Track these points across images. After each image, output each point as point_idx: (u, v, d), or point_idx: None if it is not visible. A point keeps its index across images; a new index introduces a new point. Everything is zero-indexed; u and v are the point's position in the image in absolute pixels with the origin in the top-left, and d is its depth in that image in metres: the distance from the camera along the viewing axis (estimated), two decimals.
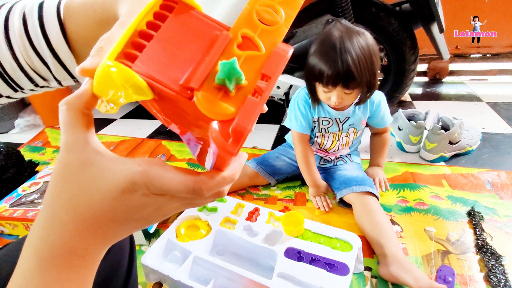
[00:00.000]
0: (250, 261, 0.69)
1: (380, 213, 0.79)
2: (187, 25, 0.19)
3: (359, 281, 0.69)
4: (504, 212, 0.84)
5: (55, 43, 0.32)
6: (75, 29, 0.32)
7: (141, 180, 0.19)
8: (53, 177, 0.21)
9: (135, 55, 0.18)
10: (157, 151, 1.35)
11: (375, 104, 0.89)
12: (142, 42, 0.19)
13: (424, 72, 1.82)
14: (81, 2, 0.32)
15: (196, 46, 0.19)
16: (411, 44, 1.18)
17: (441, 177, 1.00)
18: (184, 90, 0.18)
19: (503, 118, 1.32)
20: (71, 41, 0.32)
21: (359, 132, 0.93)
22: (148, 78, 0.18)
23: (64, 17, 0.32)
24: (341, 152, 0.97)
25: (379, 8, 1.14)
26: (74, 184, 0.20)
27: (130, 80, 0.18)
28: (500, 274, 0.66)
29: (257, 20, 0.19)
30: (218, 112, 0.18)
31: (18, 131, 1.74)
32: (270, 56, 0.19)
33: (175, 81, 0.18)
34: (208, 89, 0.18)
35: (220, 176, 0.21)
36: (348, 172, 0.91)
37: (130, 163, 0.20)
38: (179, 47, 0.19)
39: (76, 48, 0.33)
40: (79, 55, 0.33)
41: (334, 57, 0.72)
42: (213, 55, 0.18)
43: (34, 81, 0.35)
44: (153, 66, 0.18)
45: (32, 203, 0.94)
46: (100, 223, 0.20)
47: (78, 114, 0.21)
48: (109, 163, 0.20)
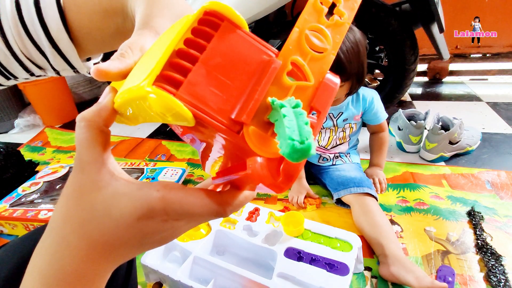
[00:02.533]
0: (250, 261, 0.69)
1: (379, 213, 0.79)
2: (234, 48, 0.17)
3: (359, 281, 0.69)
4: (504, 212, 0.84)
5: (54, 33, 0.30)
6: (77, 18, 0.30)
7: (160, 206, 0.18)
8: (64, 198, 0.19)
9: (178, 80, 0.16)
10: (157, 151, 1.35)
11: (368, 101, 0.91)
12: (185, 64, 0.16)
13: (424, 72, 1.82)
14: None
15: (244, 73, 0.17)
16: (411, 44, 1.18)
17: (441, 177, 1.00)
18: (233, 123, 0.17)
19: (503, 118, 1.32)
20: (73, 30, 0.30)
21: (354, 126, 0.95)
22: (194, 108, 0.16)
23: (65, 4, 0.29)
24: (340, 149, 0.98)
25: (379, 8, 1.14)
26: (87, 208, 0.18)
27: (173, 109, 0.16)
28: (500, 274, 0.66)
29: (306, 46, 0.18)
30: (268, 151, 0.16)
31: (18, 131, 1.74)
32: (320, 88, 0.18)
33: (223, 113, 0.16)
34: (258, 124, 0.17)
35: (243, 195, 0.21)
36: (347, 173, 0.91)
37: (147, 188, 0.19)
38: (226, 73, 0.17)
39: (79, 37, 0.30)
40: (81, 44, 0.31)
41: None
42: (263, 86, 0.17)
43: (29, 71, 0.33)
44: (199, 94, 0.16)
45: (32, 203, 0.94)
46: (113, 248, 0.19)
47: (96, 132, 0.19)
48: (125, 187, 0.19)
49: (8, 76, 0.33)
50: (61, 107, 1.79)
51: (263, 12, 1.17)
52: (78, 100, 2.02)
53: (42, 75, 0.34)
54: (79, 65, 0.33)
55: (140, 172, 1.09)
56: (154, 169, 1.10)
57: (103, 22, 0.29)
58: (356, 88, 0.84)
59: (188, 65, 0.16)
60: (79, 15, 0.30)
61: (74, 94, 1.99)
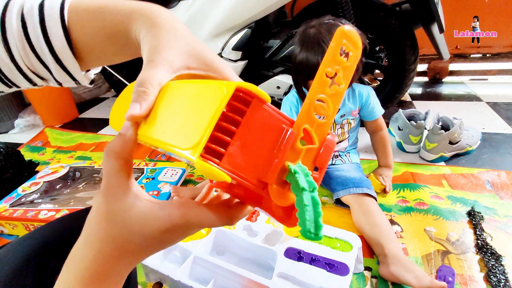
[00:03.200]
0: (250, 261, 0.69)
1: (378, 213, 0.79)
2: (262, 121, 0.21)
3: (359, 281, 0.69)
4: (504, 212, 0.84)
5: (58, 50, 0.31)
6: (81, 38, 0.31)
7: (181, 222, 0.22)
8: (96, 219, 0.23)
9: (220, 152, 0.20)
10: (157, 151, 1.35)
11: (364, 97, 0.93)
12: (226, 138, 0.20)
13: (424, 72, 1.82)
14: (89, 9, 0.31)
15: (269, 141, 0.22)
16: (411, 44, 1.18)
17: (441, 177, 1.00)
18: (260, 183, 0.22)
19: (503, 118, 1.32)
20: (76, 48, 0.32)
21: (352, 122, 0.95)
22: (232, 174, 0.20)
23: (69, 23, 0.31)
24: (340, 146, 0.98)
25: (379, 8, 1.14)
26: (118, 226, 0.22)
27: (216, 176, 0.20)
28: (500, 274, 0.66)
29: (314, 115, 0.23)
30: (285, 203, 0.23)
31: (18, 131, 1.74)
32: (322, 148, 0.23)
33: (253, 175, 0.21)
34: (279, 183, 0.22)
35: (247, 210, 0.26)
36: (346, 173, 0.91)
37: (169, 207, 0.23)
38: (256, 143, 0.21)
39: (81, 54, 0.32)
40: (83, 59, 0.33)
41: (323, 47, 0.76)
42: (283, 154, 0.21)
43: (32, 82, 0.34)
44: (236, 163, 0.21)
45: (32, 203, 0.94)
46: (138, 256, 0.24)
47: (122, 163, 0.23)
48: (149, 207, 0.23)
49: (11, 85, 0.35)
50: (61, 107, 1.79)
51: (263, 12, 1.17)
52: (78, 100, 2.02)
53: (44, 85, 0.36)
54: (80, 77, 0.35)
55: (140, 172, 1.09)
56: (154, 169, 1.10)
57: (106, 42, 0.31)
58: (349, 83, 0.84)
59: (227, 139, 0.20)
60: (83, 35, 0.32)
61: (74, 94, 1.99)
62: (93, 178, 1.07)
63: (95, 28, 0.31)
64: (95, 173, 1.10)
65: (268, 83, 1.29)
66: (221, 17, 1.22)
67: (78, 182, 1.05)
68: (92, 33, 0.31)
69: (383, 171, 0.98)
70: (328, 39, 0.75)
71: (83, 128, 1.71)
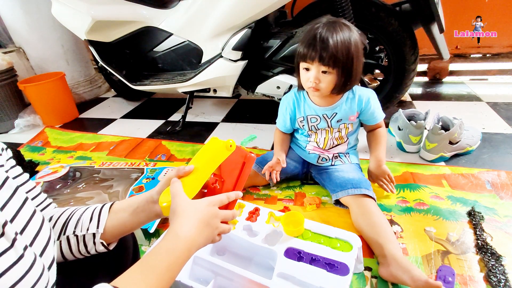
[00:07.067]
0: (250, 261, 0.69)
1: (378, 214, 0.79)
2: (234, 159, 0.51)
3: (359, 281, 0.69)
4: (504, 212, 0.84)
5: (90, 248, 0.48)
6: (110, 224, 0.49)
7: (210, 211, 0.46)
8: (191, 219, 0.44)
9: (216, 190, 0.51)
10: (157, 151, 1.35)
11: (364, 102, 0.89)
12: (216, 186, 0.53)
13: (424, 72, 1.82)
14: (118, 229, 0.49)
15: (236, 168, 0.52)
16: (411, 44, 1.18)
17: (441, 177, 1.00)
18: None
19: (503, 118, 1.32)
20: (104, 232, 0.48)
21: (350, 126, 0.93)
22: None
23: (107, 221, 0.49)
24: (339, 149, 0.97)
25: (379, 8, 1.14)
26: (185, 220, 0.44)
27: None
28: (500, 274, 0.66)
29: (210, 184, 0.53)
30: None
31: (18, 131, 1.74)
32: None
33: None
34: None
35: (237, 212, 0.46)
36: (345, 174, 0.91)
37: (204, 203, 0.46)
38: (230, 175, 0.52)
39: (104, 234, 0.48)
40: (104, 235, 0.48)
41: (316, 37, 0.78)
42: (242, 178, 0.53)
43: None
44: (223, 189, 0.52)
45: None
46: (199, 246, 0.45)
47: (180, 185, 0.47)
48: (194, 206, 0.45)
49: None
50: (61, 107, 1.79)
51: (263, 12, 1.17)
52: (78, 100, 2.02)
53: None
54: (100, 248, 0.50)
55: (140, 172, 1.09)
56: (154, 169, 1.10)
57: (129, 219, 0.50)
58: (344, 83, 0.82)
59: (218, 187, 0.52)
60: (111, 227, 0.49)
61: (74, 94, 1.99)
62: (93, 178, 1.07)
63: (127, 218, 0.50)
64: (95, 173, 1.10)
65: (268, 83, 1.29)
66: (221, 17, 1.22)
67: (78, 182, 1.05)
68: (121, 220, 0.50)
69: (376, 171, 0.91)
70: (328, 33, 0.78)
71: (83, 128, 1.71)
